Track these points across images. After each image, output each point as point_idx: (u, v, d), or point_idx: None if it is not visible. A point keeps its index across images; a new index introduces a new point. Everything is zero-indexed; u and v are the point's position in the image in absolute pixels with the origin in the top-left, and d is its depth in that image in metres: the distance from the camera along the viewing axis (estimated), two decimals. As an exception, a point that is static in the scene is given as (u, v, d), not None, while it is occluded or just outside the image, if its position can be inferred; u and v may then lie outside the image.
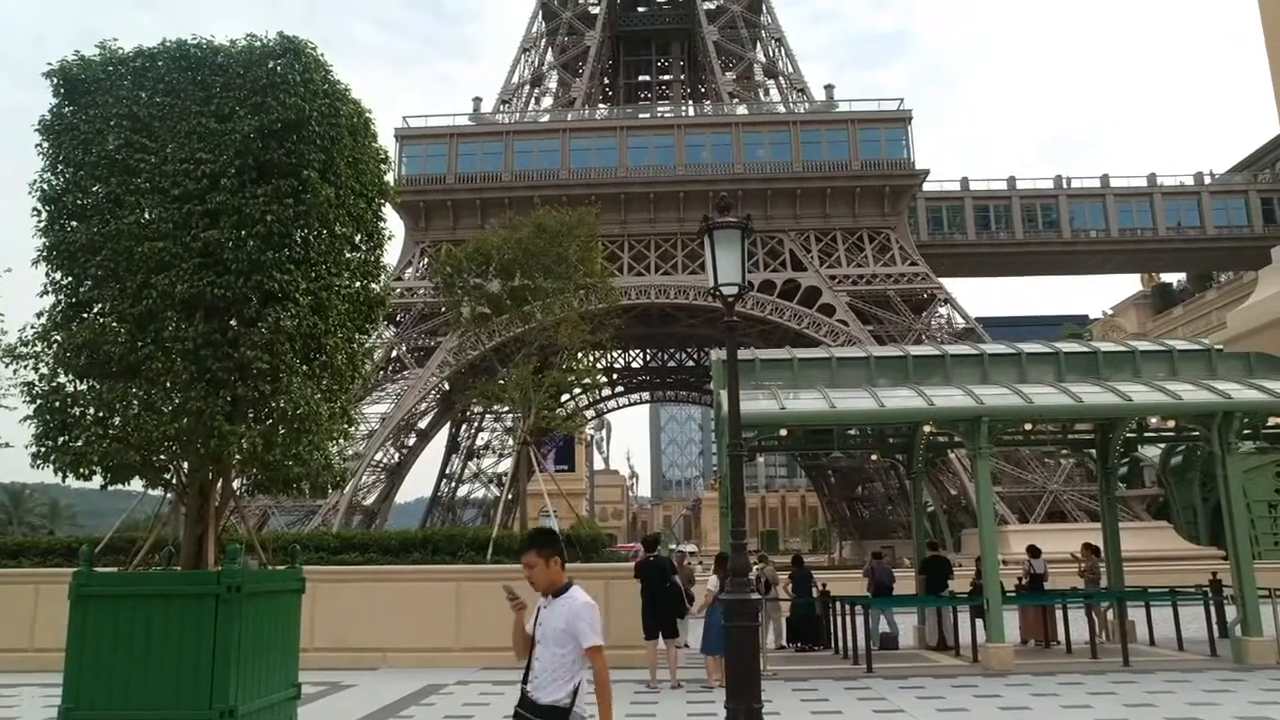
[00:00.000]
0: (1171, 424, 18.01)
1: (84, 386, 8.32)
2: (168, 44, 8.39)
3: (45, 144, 8.48)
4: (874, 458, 53.10)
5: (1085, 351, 18.14)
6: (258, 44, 8.24)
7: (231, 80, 8.14)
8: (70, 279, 8.36)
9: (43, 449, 7.98)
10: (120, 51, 8.46)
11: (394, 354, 58.23)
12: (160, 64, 8.29)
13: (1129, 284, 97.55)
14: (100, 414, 7.96)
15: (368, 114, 9.04)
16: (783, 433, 17.98)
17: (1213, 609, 16.81)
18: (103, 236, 8.08)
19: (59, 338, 8.19)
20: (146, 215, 8.09)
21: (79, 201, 8.41)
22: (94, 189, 8.35)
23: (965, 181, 66.08)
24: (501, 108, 68.01)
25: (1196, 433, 17.21)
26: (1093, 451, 19.90)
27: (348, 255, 8.83)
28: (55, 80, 8.39)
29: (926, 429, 17.98)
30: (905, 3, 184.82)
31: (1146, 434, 19.82)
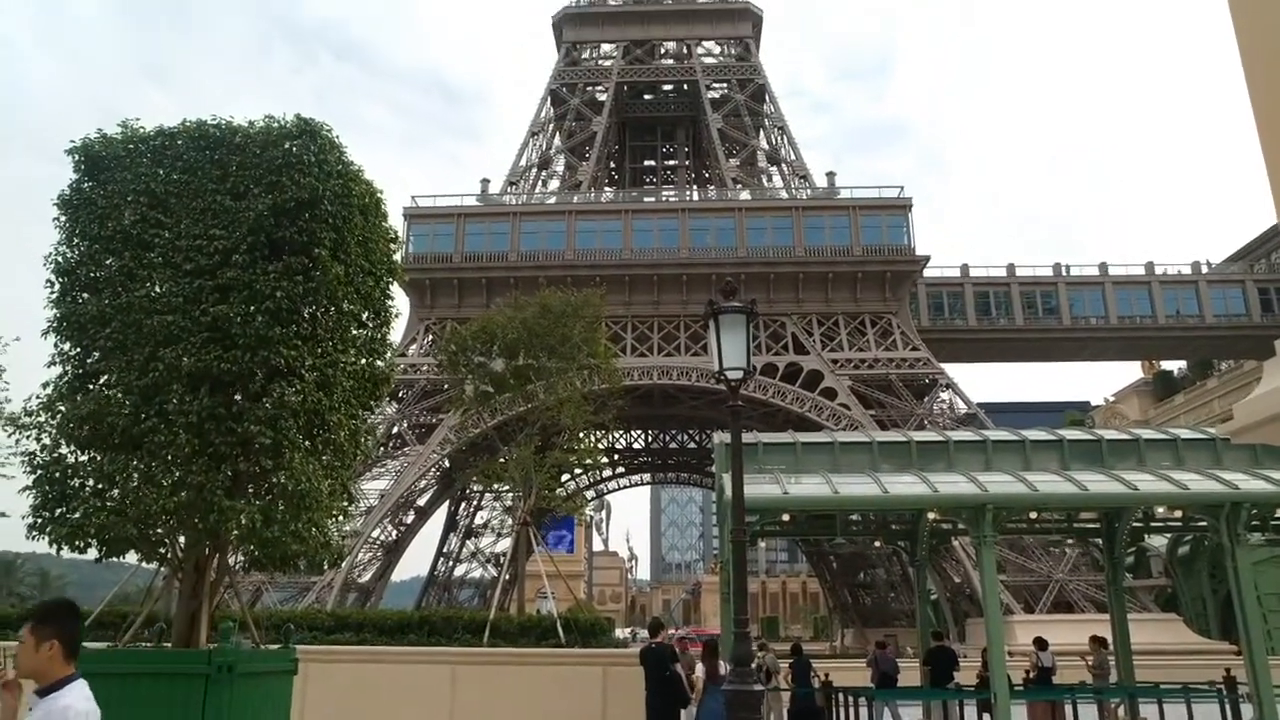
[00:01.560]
0: (1178, 514, 17.81)
1: (85, 458, 8.31)
2: (188, 124, 8.62)
3: (63, 217, 8.64)
4: (877, 544, 52.46)
5: (1089, 439, 18.05)
6: (275, 125, 8.46)
7: (248, 159, 8.33)
8: (79, 350, 8.42)
9: (40, 520, 7.92)
10: (141, 130, 8.69)
11: (395, 430, 58.08)
12: (180, 142, 8.50)
13: (1130, 371, 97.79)
14: (99, 486, 7.92)
15: (379, 194, 9.22)
16: (785, 517, 17.78)
17: (1228, 707, 16.37)
18: (113, 309, 8.16)
19: (63, 408, 8.21)
20: (158, 289, 8.19)
21: (92, 274, 8.53)
22: (107, 262, 8.48)
23: (965, 268, 66.79)
24: (509, 189, 69.25)
25: (1204, 523, 17.00)
26: (1099, 541, 19.64)
27: (354, 332, 8.90)
28: (77, 157, 8.60)
29: (931, 516, 17.78)
30: (901, 94, 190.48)
31: (1153, 524, 19.59)
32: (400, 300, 52.39)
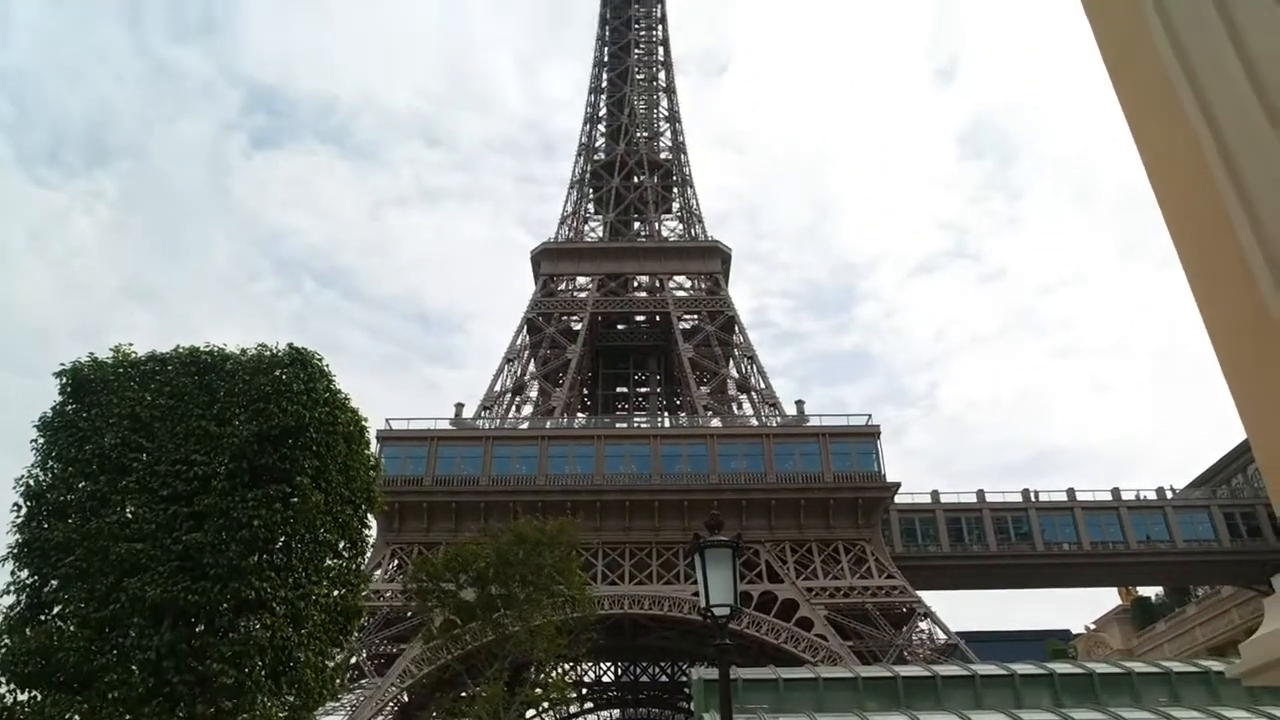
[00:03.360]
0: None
1: (25, 697, 7.76)
2: (180, 350, 8.73)
3: (41, 439, 8.53)
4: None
5: (1080, 672, 17.50)
6: (267, 353, 8.60)
7: (236, 385, 8.40)
8: (36, 578, 8.08)
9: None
10: (133, 354, 8.77)
11: (353, 660, 55.15)
12: (170, 368, 8.58)
13: (1106, 596, 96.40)
14: (38, 732, 7.34)
15: (364, 422, 9.26)
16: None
17: None
18: (80, 535, 7.91)
19: (9, 642, 7.76)
20: (129, 514, 7.98)
21: (62, 497, 8.33)
22: (80, 485, 8.31)
23: (936, 494, 67.09)
24: (483, 414, 69.93)
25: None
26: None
27: (329, 562, 8.65)
28: (64, 379, 8.61)
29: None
30: (865, 329, 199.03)
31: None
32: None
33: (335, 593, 8.68)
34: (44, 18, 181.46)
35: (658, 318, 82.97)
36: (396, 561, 57.35)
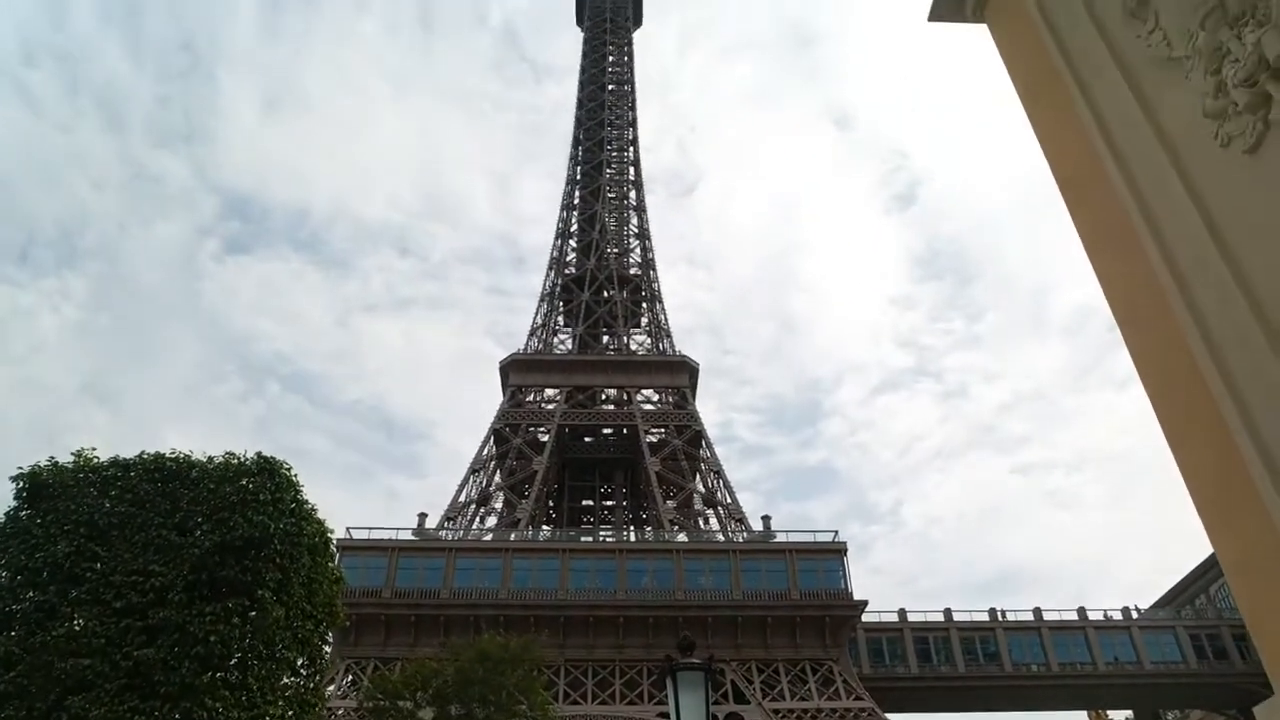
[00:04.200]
0: None
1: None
2: (144, 456, 8.56)
3: (-10, 548, 8.23)
4: None
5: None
6: (235, 461, 8.46)
7: (201, 494, 8.23)
8: (-31, 699, 7.65)
9: None
10: (95, 460, 8.59)
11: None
12: (133, 474, 8.39)
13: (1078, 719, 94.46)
14: None
15: (329, 534, 9.08)
16: None
17: None
18: (23, 648, 7.57)
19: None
20: (79, 626, 7.66)
21: (8, 607, 8.00)
22: (28, 595, 7.99)
23: (903, 613, 66.26)
24: (446, 524, 68.69)
25: None
26: None
27: (286, 680, 8.31)
28: (20, 484, 8.38)
29: None
30: (830, 445, 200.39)
31: None
32: (321, 640, 49.57)
33: (290, 713, 8.32)
34: (24, 122, 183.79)
35: (625, 430, 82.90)
36: (351, 677, 55.12)
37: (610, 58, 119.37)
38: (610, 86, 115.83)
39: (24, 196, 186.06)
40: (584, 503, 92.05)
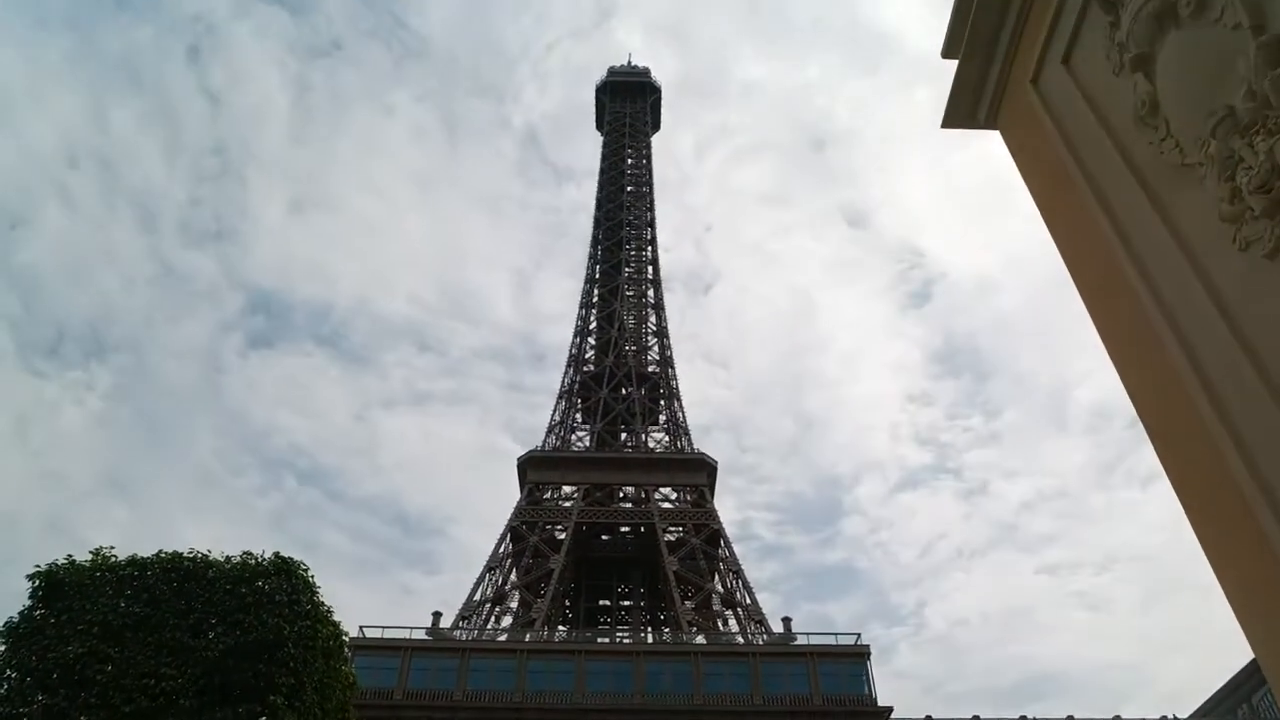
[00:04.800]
0: None
1: None
2: (162, 554, 8.55)
3: (2, 647, 8.16)
4: None
5: None
6: (251, 561, 8.42)
7: (216, 595, 8.17)
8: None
9: None
10: (113, 558, 8.58)
11: None
12: (150, 573, 8.36)
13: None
14: None
15: (344, 636, 8.94)
16: None
17: None
18: (30, 755, 7.40)
19: None
20: (86, 733, 7.51)
21: (16, 711, 7.87)
22: (39, 698, 7.87)
23: (930, 721, 63.85)
24: (461, 624, 67.46)
25: None
26: None
27: (295, 793, 8.07)
28: (37, 582, 8.36)
29: None
30: (850, 544, 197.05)
31: None
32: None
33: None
34: (61, 221, 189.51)
35: (643, 529, 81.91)
36: (358, 788, 53.40)
37: (629, 160, 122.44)
38: (629, 188, 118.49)
39: (57, 293, 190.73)
40: (601, 602, 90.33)
